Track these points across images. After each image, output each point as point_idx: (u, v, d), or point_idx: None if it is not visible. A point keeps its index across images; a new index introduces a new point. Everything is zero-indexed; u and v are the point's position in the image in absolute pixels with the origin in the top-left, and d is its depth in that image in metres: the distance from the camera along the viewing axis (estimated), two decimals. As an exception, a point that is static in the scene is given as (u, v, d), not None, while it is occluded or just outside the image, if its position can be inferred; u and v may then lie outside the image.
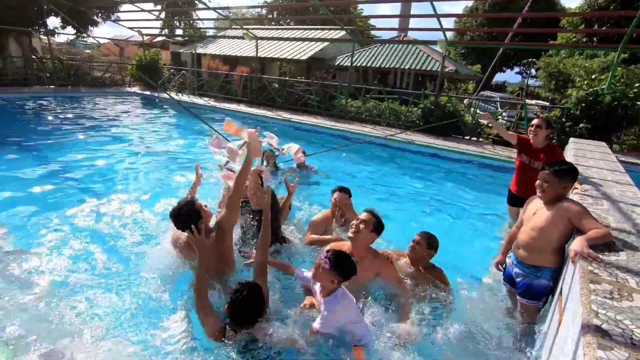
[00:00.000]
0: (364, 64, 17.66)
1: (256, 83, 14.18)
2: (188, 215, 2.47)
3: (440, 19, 9.16)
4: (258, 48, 15.48)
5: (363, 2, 14.72)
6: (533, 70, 30.92)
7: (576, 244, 2.08)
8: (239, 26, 15.53)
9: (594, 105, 7.89)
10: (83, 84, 15.49)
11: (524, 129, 8.81)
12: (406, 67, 16.59)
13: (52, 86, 14.38)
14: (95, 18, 16.80)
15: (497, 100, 14.54)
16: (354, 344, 2.24)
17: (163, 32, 27.00)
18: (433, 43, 11.36)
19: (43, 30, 15.25)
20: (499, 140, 9.07)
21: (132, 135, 8.75)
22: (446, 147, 8.35)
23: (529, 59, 28.18)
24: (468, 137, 9.77)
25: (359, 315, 2.35)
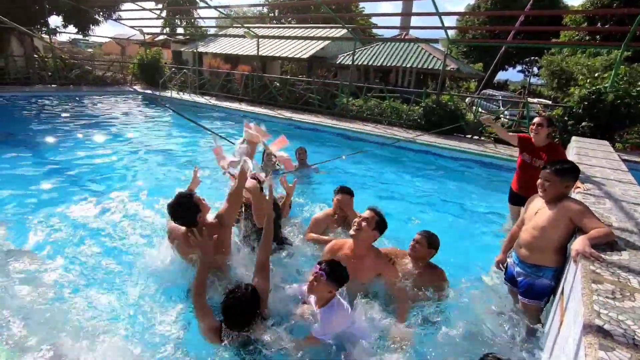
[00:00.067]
0: (365, 63, 17.62)
1: (257, 82, 14.16)
2: (187, 208, 2.45)
3: (442, 17, 9.12)
4: (259, 47, 15.45)
5: (364, 0, 14.67)
6: (535, 69, 30.78)
7: (578, 244, 2.07)
8: (240, 25, 15.51)
9: (597, 103, 7.84)
10: (85, 82, 15.52)
11: (526, 128, 8.76)
12: (408, 66, 16.54)
13: (54, 85, 14.41)
14: (96, 17, 16.81)
15: (499, 99, 14.45)
16: (354, 344, 2.24)
17: (164, 31, 27.01)
18: (435, 41, 11.32)
19: (45, 30, 15.28)
20: (500, 139, 9.01)
21: (133, 134, 8.77)
22: (448, 146, 8.33)
23: (531, 57, 28.10)
24: (470, 136, 9.73)
25: (354, 317, 2.35)
